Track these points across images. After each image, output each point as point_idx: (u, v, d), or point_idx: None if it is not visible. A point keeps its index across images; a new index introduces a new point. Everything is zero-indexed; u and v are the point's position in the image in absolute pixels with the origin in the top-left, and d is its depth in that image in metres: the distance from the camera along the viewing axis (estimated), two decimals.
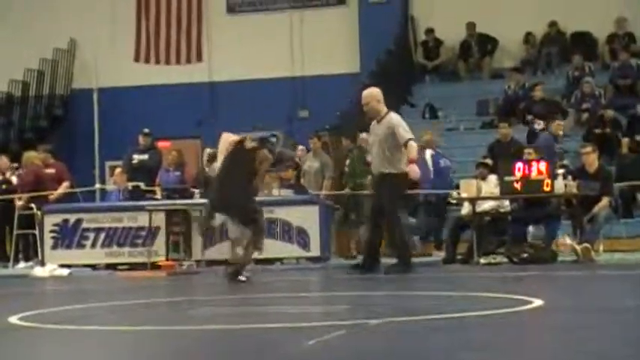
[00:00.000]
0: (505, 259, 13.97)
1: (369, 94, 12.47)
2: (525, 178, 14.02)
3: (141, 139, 17.54)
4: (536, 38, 21.85)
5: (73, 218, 15.45)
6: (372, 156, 12.51)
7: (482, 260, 13.93)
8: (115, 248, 15.26)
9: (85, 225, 15.38)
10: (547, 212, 14.46)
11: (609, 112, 18.46)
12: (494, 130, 18.46)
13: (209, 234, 14.52)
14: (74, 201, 17.18)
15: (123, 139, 19.39)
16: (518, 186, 14.08)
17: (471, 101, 20.89)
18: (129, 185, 16.76)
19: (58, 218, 15.50)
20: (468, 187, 14.55)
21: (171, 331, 7.07)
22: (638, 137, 17.90)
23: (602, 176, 14.44)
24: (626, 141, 17.77)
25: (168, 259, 14.79)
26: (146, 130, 17.60)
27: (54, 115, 23.59)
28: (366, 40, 22.00)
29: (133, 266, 14.92)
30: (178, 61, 23.11)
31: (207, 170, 15.72)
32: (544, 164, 14.13)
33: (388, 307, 8.42)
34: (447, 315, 7.30)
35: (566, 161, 16.53)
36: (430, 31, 22.12)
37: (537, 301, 7.88)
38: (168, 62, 23.11)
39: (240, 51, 22.59)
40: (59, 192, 16.59)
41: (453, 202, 15.65)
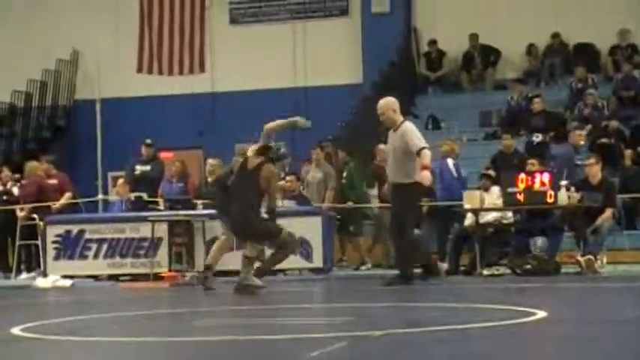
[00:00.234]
0: (508, 271, 13.95)
1: (384, 104, 12.47)
2: (528, 190, 14.00)
3: (143, 150, 17.55)
4: (538, 49, 21.85)
5: (75, 229, 15.45)
6: (389, 165, 12.51)
7: (486, 272, 13.91)
8: (118, 259, 15.25)
9: (87, 236, 15.38)
10: (550, 224, 14.43)
11: (613, 123, 18.45)
12: (497, 141, 18.46)
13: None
14: (77, 212, 17.18)
15: (125, 150, 19.40)
16: (521, 197, 14.06)
17: (474, 112, 20.88)
18: (131, 196, 16.75)
19: (61, 229, 15.50)
20: (471, 199, 14.53)
21: (174, 343, 7.06)
22: None
23: (605, 188, 14.42)
24: (629, 153, 17.75)
25: (170, 270, 14.78)
26: (148, 140, 17.60)
27: (56, 125, 23.60)
28: (369, 51, 22.01)
29: (136, 277, 14.91)
30: (181, 72, 23.13)
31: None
32: (547, 176, 14.12)
33: (391, 318, 8.41)
34: (450, 327, 7.28)
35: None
36: (433, 42, 22.13)
37: (541, 313, 7.86)
38: (170, 73, 23.12)
39: (243, 61, 22.61)
40: (61, 202, 16.59)
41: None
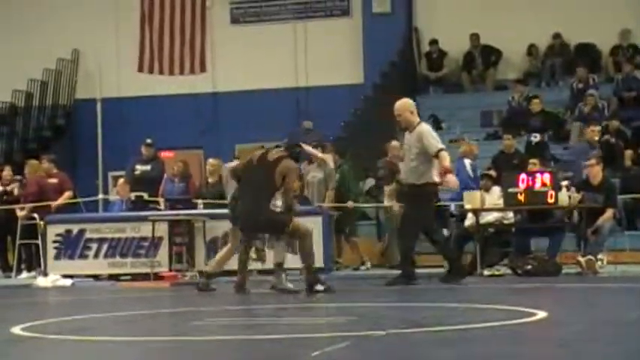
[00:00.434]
0: (509, 271, 13.95)
1: (401, 105, 12.48)
2: (529, 190, 14.00)
3: (143, 150, 17.54)
4: (539, 50, 21.85)
5: (75, 228, 15.44)
6: (404, 166, 12.50)
7: (486, 272, 13.91)
8: (118, 259, 15.25)
9: (87, 235, 15.37)
10: (551, 224, 14.43)
11: (614, 123, 18.45)
12: (498, 141, 18.45)
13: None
14: (77, 211, 17.18)
15: (126, 150, 19.39)
16: (522, 198, 14.05)
17: (475, 113, 20.88)
18: (132, 196, 16.75)
19: (61, 228, 15.50)
20: (472, 199, 14.53)
21: (175, 342, 7.05)
22: None
23: (606, 188, 14.42)
24: (629, 153, 17.75)
25: (171, 270, 14.78)
26: (148, 140, 17.59)
27: (57, 125, 23.59)
28: (370, 51, 22.00)
29: (136, 277, 14.91)
30: (182, 72, 23.13)
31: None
32: (548, 176, 14.12)
33: (392, 318, 8.40)
34: (451, 327, 7.28)
35: (570, 173, 16.52)
36: (434, 42, 22.13)
37: (541, 314, 7.86)
38: (171, 73, 23.12)
39: (244, 61, 22.60)
40: (60, 201, 16.57)
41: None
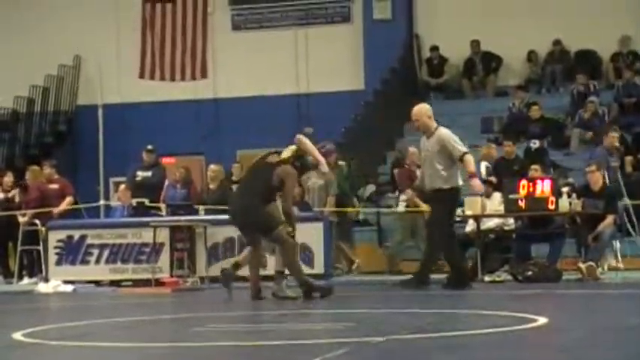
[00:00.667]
0: (509, 277, 13.96)
1: (419, 111, 12.55)
2: (530, 196, 14.00)
3: (144, 156, 17.56)
4: (539, 56, 21.88)
5: (77, 234, 15.46)
6: (424, 172, 12.53)
7: (487, 278, 13.91)
8: (119, 264, 15.25)
9: (89, 241, 15.38)
10: (551, 230, 14.44)
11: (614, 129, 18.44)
12: (498, 147, 18.46)
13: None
14: (78, 217, 17.19)
15: (127, 156, 19.42)
16: (522, 204, 14.06)
17: (476, 119, 20.88)
18: (133, 202, 16.77)
19: (63, 234, 15.51)
20: (473, 205, 14.54)
21: (176, 348, 7.06)
22: None
23: (606, 195, 14.44)
24: (630, 159, 17.76)
25: (172, 276, 14.79)
26: (150, 146, 17.61)
27: (59, 131, 23.61)
28: (371, 57, 22.03)
29: (137, 283, 14.91)
30: (183, 78, 23.16)
31: None
32: (548, 182, 14.13)
33: (392, 324, 8.40)
34: (451, 333, 7.29)
35: (571, 179, 16.53)
36: (435, 48, 22.16)
37: (542, 319, 7.87)
38: (173, 79, 23.16)
39: (245, 68, 22.64)
40: (62, 207, 16.59)
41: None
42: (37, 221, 16.18)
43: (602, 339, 6.96)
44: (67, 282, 14.76)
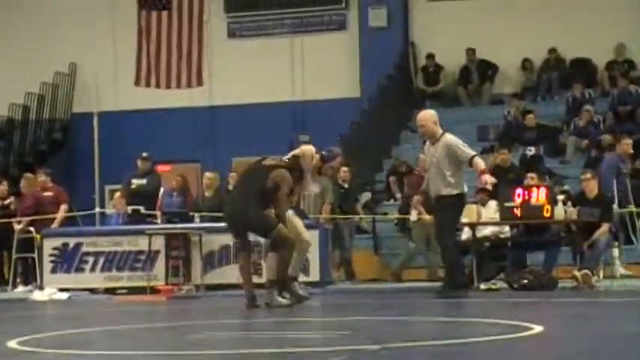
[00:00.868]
0: (505, 285, 13.95)
1: (425, 116, 12.57)
2: (525, 204, 14.01)
3: (139, 164, 17.54)
4: (533, 64, 21.92)
5: (72, 242, 15.44)
6: (430, 178, 12.51)
7: (483, 286, 13.91)
8: (115, 272, 15.24)
9: (84, 249, 15.37)
10: (547, 238, 14.45)
11: (607, 138, 18.48)
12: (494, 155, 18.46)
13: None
14: (74, 225, 17.17)
15: (123, 163, 19.39)
16: (518, 212, 14.06)
17: (471, 127, 20.88)
18: (128, 209, 16.76)
19: (58, 242, 15.49)
20: (468, 213, 14.54)
21: (171, 357, 7.05)
22: (638, 163, 17.87)
23: (602, 202, 14.44)
24: None
25: (167, 284, 14.78)
26: (144, 154, 17.60)
27: (54, 138, 23.61)
28: (367, 65, 22.05)
29: (132, 290, 14.89)
30: (179, 86, 23.13)
31: None
32: (544, 190, 14.13)
33: (389, 332, 8.39)
34: (447, 341, 7.28)
35: (566, 187, 16.54)
36: (430, 56, 22.17)
37: (537, 328, 7.86)
38: (168, 86, 23.13)
39: (241, 75, 22.64)
40: (60, 216, 16.57)
41: None
42: (32, 229, 16.16)
43: (597, 347, 6.95)
44: (62, 290, 14.75)
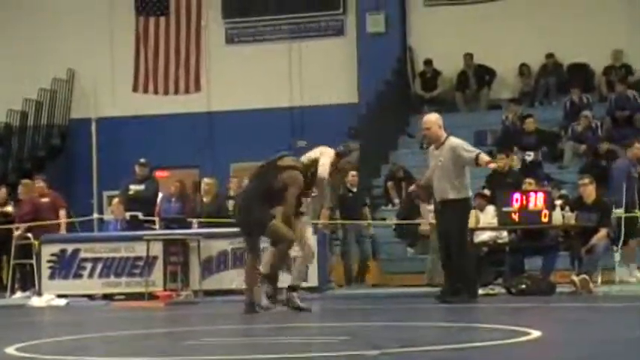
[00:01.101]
0: (503, 290, 13.95)
1: (431, 119, 12.59)
2: (523, 209, 14.01)
3: (137, 169, 17.54)
4: (530, 69, 21.93)
5: (70, 248, 15.43)
6: (435, 181, 12.50)
7: (481, 291, 13.88)
8: (113, 278, 15.24)
9: (82, 255, 15.36)
10: (545, 243, 14.45)
11: (604, 146, 18.48)
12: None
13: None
14: (72, 231, 17.17)
15: (121, 169, 19.38)
16: (516, 217, 14.06)
17: (469, 132, 20.84)
18: (127, 215, 16.76)
19: (56, 248, 15.49)
20: None
21: None
22: None
23: (600, 207, 14.45)
24: None
25: (165, 289, 14.77)
26: (142, 160, 17.60)
27: (52, 145, 23.59)
28: (365, 70, 22.06)
29: (130, 296, 14.89)
30: (176, 91, 23.16)
31: None
32: (542, 195, 14.14)
33: (387, 338, 8.39)
34: (445, 346, 7.29)
35: (564, 192, 16.55)
36: (428, 62, 22.19)
37: (535, 333, 7.86)
38: (166, 92, 23.15)
39: (239, 81, 22.65)
40: (62, 222, 16.60)
41: None
42: (30, 235, 16.15)
43: (595, 352, 6.95)
44: (60, 296, 14.74)
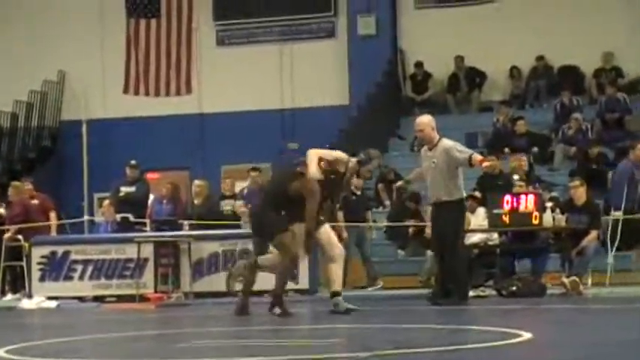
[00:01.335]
0: (494, 292, 13.97)
1: (424, 121, 12.61)
2: (514, 211, 14.04)
3: (128, 171, 17.53)
4: (521, 72, 21.97)
5: (60, 250, 15.41)
6: (429, 184, 12.49)
7: (471, 293, 13.89)
8: (103, 280, 15.21)
9: (73, 257, 15.34)
10: (535, 245, 14.47)
11: (594, 150, 18.52)
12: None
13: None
14: (62, 233, 17.13)
15: (112, 171, 19.36)
16: (506, 219, 14.09)
17: (460, 134, 20.82)
18: (117, 217, 16.74)
19: (46, 250, 15.46)
20: None
21: None
22: None
23: (590, 210, 14.48)
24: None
25: (156, 291, 14.75)
26: (133, 162, 17.58)
27: (43, 146, 23.55)
28: (356, 72, 22.07)
29: (121, 298, 14.87)
30: (168, 93, 23.13)
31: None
32: (532, 197, 14.16)
33: (379, 340, 8.40)
34: (436, 348, 7.29)
35: (555, 194, 16.57)
36: (419, 64, 22.21)
37: (526, 334, 7.88)
38: (157, 94, 23.12)
39: (230, 83, 22.64)
40: (53, 223, 16.57)
41: None
42: (21, 237, 16.12)
43: (588, 354, 6.96)
44: (50, 298, 14.71)
